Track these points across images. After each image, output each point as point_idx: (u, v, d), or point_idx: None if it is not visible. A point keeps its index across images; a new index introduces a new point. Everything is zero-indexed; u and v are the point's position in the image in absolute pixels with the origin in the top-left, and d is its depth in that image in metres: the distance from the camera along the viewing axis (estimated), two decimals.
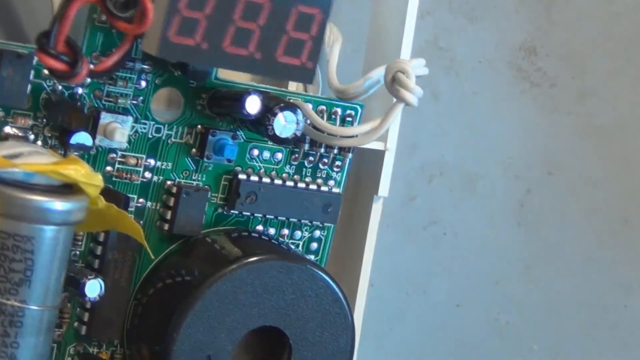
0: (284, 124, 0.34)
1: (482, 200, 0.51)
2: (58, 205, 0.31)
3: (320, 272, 0.36)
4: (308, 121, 0.36)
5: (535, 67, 0.51)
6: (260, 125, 0.34)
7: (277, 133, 0.34)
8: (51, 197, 0.31)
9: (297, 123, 0.34)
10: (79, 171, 0.31)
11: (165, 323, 0.34)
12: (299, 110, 0.34)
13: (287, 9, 0.32)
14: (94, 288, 0.32)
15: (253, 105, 0.34)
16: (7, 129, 0.33)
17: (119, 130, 0.32)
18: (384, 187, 0.42)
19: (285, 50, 0.32)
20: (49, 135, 0.33)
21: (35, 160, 0.31)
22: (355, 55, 0.47)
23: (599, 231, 0.52)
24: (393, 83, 0.36)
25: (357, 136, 0.38)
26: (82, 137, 0.33)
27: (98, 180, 0.32)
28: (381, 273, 0.50)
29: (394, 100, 0.36)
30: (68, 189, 0.31)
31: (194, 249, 0.36)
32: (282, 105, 0.34)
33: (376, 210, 0.42)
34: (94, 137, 0.33)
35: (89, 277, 0.33)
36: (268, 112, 0.34)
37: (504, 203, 0.51)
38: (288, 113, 0.34)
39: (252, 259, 0.34)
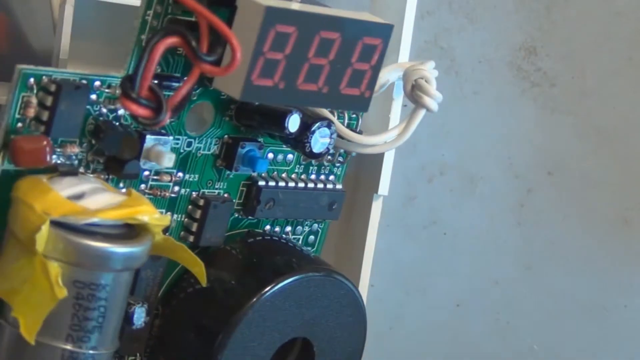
0: (319, 140, 0.34)
1: (482, 200, 0.51)
2: (134, 251, 0.30)
3: (346, 282, 0.36)
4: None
5: (535, 67, 0.51)
6: (298, 142, 0.34)
7: (314, 149, 0.34)
8: (125, 243, 0.30)
9: (330, 137, 0.34)
10: (151, 214, 0.31)
11: (197, 339, 0.34)
12: (332, 125, 0.33)
13: (355, 41, 0.31)
14: (139, 315, 0.32)
15: (294, 124, 0.33)
16: (54, 159, 0.31)
17: (167, 156, 0.32)
18: (384, 185, 0.42)
19: (348, 82, 0.32)
20: (91, 160, 0.32)
21: (102, 200, 0.30)
22: None
23: (599, 231, 0.52)
24: (413, 90, 0.35)
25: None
26: (135, 167, 0.32)
27: (167, 220, 0.31)
28: (381, 273, 0.50)
29: (414, 106, 0.36)
30: (133, 229, 0.31)
31: (216, 259, 0.35)
32: (318, 122, 0.34)
33: (376, 208, 0.42)
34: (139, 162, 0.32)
35: (134, 305, 0.32)
36: (306, 129, 0.34)
37: (504, 203, 0.51)
38: (324, 129, 0.34)
39: (287, 280, 0.34)
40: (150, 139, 0.32)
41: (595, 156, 0.51)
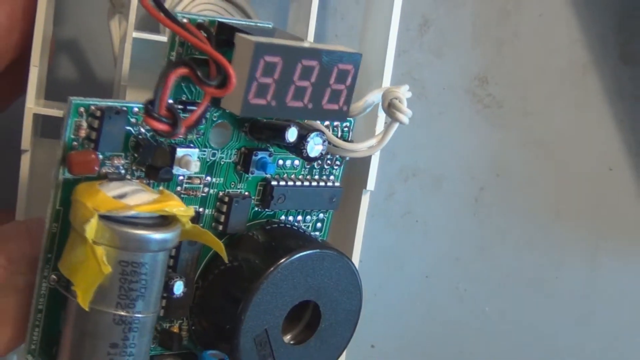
0: (314, 146, 0.35)
1: (446, 196, 0.51)
2: (166, 236, 0.31)
3: (342, 256, 0.36)
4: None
5: (486, 93, 0.51)
6: (297, 149, 0.35)
7: (310, 154, 0.34)
8: (159, 230, 0.31)
9: (323, 144, 0.35)
10: (178, 207, 0.31)
11: (227, 304, 0.34)
12: (323, 134, 0.35)
13: (331, 67, 0.32)
14: (179, 287, 0.33)
15: (292, 135, 0.34)
16: (105, 169, 0.32)
17: (193, 163, 0.33)
18: (371, 183, 0.42)
19: (328, 99, 0.33)
20: (135, 169, 0.33)
21: (140, 198, 0.31)
22: None
23: (536, 220, 0.52)
24: (389, 107, 0.37)
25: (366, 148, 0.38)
26: (167, 173, 0.33)
27: (191, 211, 0.32)
28: (368, 252, 0.49)
29: (390, 120, 0.37)
30: (167, 219, 0.32)
31: (241, 242, 0.36)
32: (312, 132, 0.34)
33: (365, 200, 0.42)
34: (172, 169, 0.33)
35: (175, 279, 0.33)
36: (303, 139, 0.34)
37: (462, 198, 0.51)
38: (317, 138, 0.34)
39: (295, 255, 0.34)
40: (180, 151, 0.32)
41: (534, 162, 0.51)
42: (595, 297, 0.53)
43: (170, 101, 0.30)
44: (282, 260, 0.34)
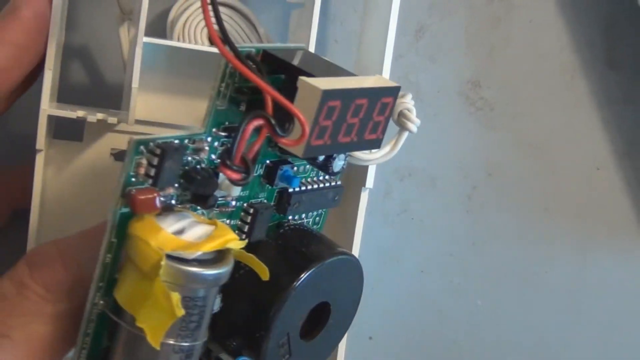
0: (338, 163, 0.35)
1: (440, 194, 0.51)
2: (226, 269, 0.30)
3: (354, 259, 0.36)
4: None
5: (479, 96, 0.51)
6: (324, 166, 0.34)
7: (334, 170, 0.34)
8: (219, 265, 0.30)
9: (345, 160, 0.35)
10: (236, 241, 0.31)
11: (255, 314, 0.33)
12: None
13: (376, 102, 0.32)
14: (217, 303, 0.32)
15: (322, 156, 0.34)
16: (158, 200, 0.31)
17: (235, 187, 0.32)
18: (370, 181, 0.42)
19: (370, 131, 0.33)
20: (180, 194, 0.31)
21: (198, 232, 0.30)
22: None
23: (526, 217, 0.52)
24: (399, 117, 0.37)
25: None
26: (215, 199, 0.32)
27: (244, 243, 0.31)
28: (366, 247, 0.49)
29: (399, 129, 0.38)
30: (222, 251, 0.31)
31: (259, 249, 0.34)
32: None
33: (364, 198, 0.43)
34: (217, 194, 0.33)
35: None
36: (329, 157, 0.34)
37: (456, 196, 0.51)
38: (341, 154, 0.34)
39: (323, 261, 0.34)
40: (222, 176, 0.31)
41: (524, 162, 0.51)
42: (583, 291, 0.52)
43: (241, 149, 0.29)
44: (309, 271, 0.34)
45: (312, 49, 0.41)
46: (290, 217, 0.37)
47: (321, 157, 0.34)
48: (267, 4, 0.46)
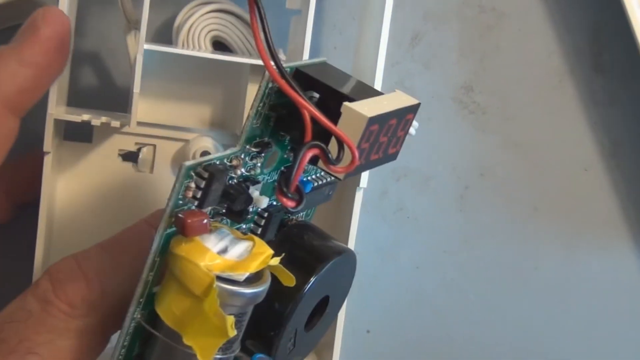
0: None
1: (434, 194, 0.51)
2: (266, 287, 0.30)
3: (352, 253, 0.36)
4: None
5: (471, 100, 0.50)
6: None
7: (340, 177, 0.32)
8: (261, 283, 0.30)
9: None
10: (275, 259, 0.30)
11: (267, 310, 0.32)
12: None
13: (401, 120, 0.31)
14: None
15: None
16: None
17: (264, 200, 0.32)
18: (364, 181, 0.42)
19: (392, 145, 0.32)
20: (219, 210, 0.31)
21: (239, 250, 0.29)
22: None
23: (516, 216, 0.51)
24: None
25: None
26: (248, 213, 0.32)
27: (279, 259, 0.30)
28: (364, 245, 0.50)
29: None
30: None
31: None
32: None
33: (359, 197, 0.43)
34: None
35: None
36: None
37: (449, 196, 0.51)
38: None
39: (332, 260, 0.34)
40: (252, 189, 0.31)
41: (514, 163, 0.51)
42: (570, 286, 0.52)
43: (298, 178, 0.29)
44: (320, 272, 0.33)
45: (306, 54, 0.41)
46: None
47: None
48: (268, 10, 0.46)
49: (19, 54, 0.32)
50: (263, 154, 0.32)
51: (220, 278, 0.28)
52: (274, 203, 0.34)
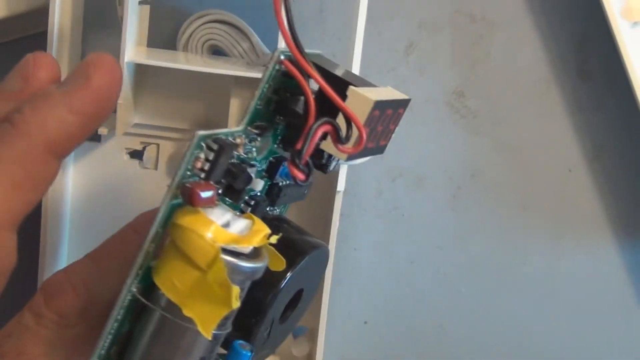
0: (333, 163, 0.32)
1: (428, 193, 0.51)
2: (265, 263, 0.29)
3: (326, 247, 0.35)
4: None
5: (463, 105, 0.50)
6: (323, 166, 0.33)
7: (330, 169, 0.33)
8: (260, 259, 0.29)
9: (337, 161, 0.33)
10: (274, 237, 0.29)
11: (248, 298, 0.30)
12: None
13: (395, 112, 0.31)
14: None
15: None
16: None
17: (259, 182, 0.31)
18: (342, 184, 0.42)
19: (383, 137, 0.31)
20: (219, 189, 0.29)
21: (240, 225, 0.28)
22: None
23: (505, 214, 0.51)
24: None
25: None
26: (245, 193, 0.31)
27: (275, 239, 0.29)
28: (363, 242, 0.51)
29: None
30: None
31: None
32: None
33: (338, 200, 0.42)
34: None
35: None
36: (330, 157, 0.32)
37: (442, 195, 0.51)
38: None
39: (310, 254, 0.33)
40: (249, 170, 0.30)
41: (504, 164, 0.51)
42: (555, 280, 0.52)
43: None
44: (300, 264, 0.33)
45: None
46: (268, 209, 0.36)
47: (325, 157, 0.32)
48: (260, 17, 0.46)
49: (69, 101, 0.30)
50: (259, 139, 0.31)
51: (224, 250, 0.27)
52: (258, 193, 0.33)
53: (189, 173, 0.28)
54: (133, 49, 0.40)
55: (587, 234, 0.52)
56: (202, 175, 0.28)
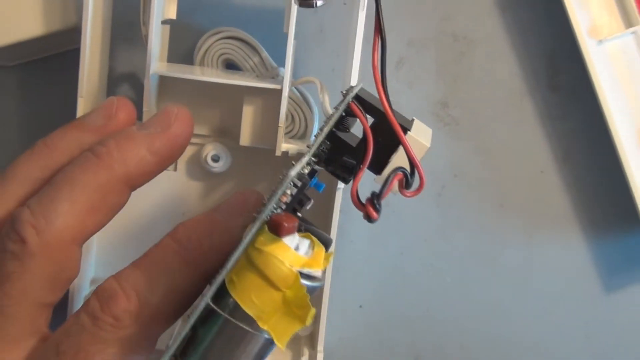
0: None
1: None
2: (323, 284, 0.29)
3: (331, 239, 0.33)
4: None
5: (447, 114, 0.50)
6: (345, 179, 0.33)
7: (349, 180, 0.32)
8: (321, 279, 0.29)
9: None
10: (328, 254, 0.29)
11: None
12: None
13: None
14: None
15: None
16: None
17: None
18: (341, 183, 0.40)
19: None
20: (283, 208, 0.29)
21: (304, 247, 0.28)
22: (333, 99, 0.44)
23: (485, 211, 0.51)
24: None
25: None
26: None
27: (329, 257, 0.29)
28: (358, 234, 0.51)
29: None
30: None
31: None
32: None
33: (338, 196, 0.42)
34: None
35: None
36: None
37: (428, 194, 0.51)
38: None
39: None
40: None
41: (483, 166, 0.51)
42: (530, 270, 0.52)
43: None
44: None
45: (288, 76, 0.40)
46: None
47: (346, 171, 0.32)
48: (269, 34, 0.46)
49: (150, 143, 0.32)
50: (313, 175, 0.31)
51: (301, 274, 0.28)
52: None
53: (274, 206, 0.28)
54: (156, 63, 0.41)
55: (557, 228, 0.52)
56: (283, 207, 0.29)
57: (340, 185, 0.42)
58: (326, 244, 0.32)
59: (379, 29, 0.29)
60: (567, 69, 0.50)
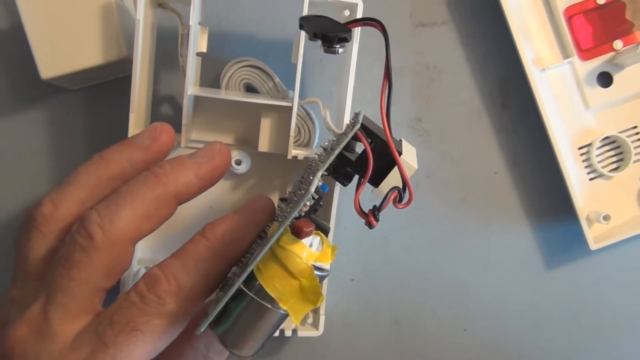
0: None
1: None
2: (328, 273, 0.30)
3: (329, 226, 0.35)
4: None
5: (421, 127, 0.51)
6: (344, 183, 0.33)
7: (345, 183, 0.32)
8: (326, 270, 0.29)
9: None
10: (334, 247, 0.30)
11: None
12: None
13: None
14: None
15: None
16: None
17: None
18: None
19: None
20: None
21: (316, 244, 0.29)
22: (332, 115, 0.45)
23: (450, 204, 0.52)
24: None
25: None
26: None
27: (334, 250, 0.30)
28: (350, 222, 0.51)
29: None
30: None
31: None
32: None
33: (337, 191, 0.42)
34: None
35: None
36: (351, 177, 0.32)
37: None
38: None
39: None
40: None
41: (449, 169, 0.52)
42: (486, 251, 0.53)
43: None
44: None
45: (296, 97, 0.40)
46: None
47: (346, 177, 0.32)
48: (281, 63, 0.46)
49: (197, 170, 0.33)
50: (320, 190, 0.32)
51: (314, 267, 0.29)
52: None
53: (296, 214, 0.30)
54: (192, 87, 0.42)
55: (508, 218, 0.52)
56: (303, 214, 0.29)
57: (338, 185, 0.43)
58: (326, 231, 0.33)
59: (387, 75, 0.29)
60: (517, 91, 0.51)
